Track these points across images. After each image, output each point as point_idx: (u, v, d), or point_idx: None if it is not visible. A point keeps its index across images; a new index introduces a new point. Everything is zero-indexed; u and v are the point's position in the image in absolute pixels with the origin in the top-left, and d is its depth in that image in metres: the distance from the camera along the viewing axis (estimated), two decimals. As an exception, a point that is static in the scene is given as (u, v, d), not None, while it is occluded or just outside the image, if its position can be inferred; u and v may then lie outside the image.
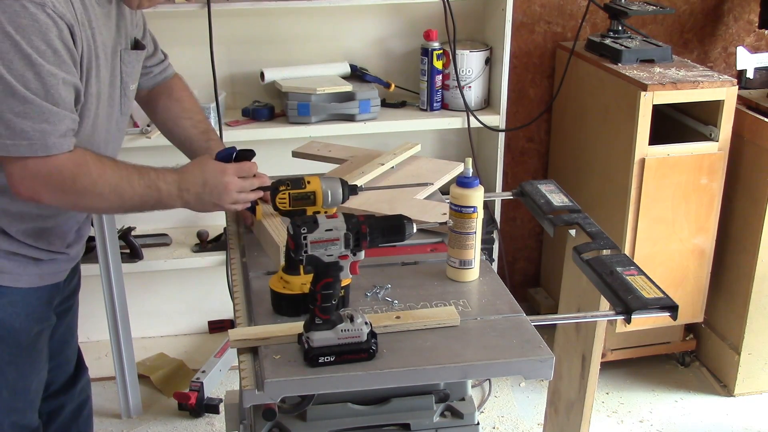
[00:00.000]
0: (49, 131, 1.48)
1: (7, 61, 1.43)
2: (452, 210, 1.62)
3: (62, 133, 1.51)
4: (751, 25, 3.24)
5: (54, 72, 1.46)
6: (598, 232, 1.76)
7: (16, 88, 1.44)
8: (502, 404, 2.95)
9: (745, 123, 2.76)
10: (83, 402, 2.09)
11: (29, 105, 1.46)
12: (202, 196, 1.62)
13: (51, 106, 1.47)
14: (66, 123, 1.51)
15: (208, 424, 2.82)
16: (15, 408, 1.77)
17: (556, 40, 3.16)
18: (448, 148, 3.19)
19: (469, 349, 1.40)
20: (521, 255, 3.50)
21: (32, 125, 1.47)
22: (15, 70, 1.43)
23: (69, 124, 1.52)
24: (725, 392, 3.00)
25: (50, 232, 1.72)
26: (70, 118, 1.52)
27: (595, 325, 1.83)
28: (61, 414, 2.02)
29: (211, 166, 1.63)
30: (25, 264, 1.69)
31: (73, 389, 2.05)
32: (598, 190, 2.93)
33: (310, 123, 2.79)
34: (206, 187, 1.61)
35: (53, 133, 1.49)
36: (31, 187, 1.54)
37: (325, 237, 1.34)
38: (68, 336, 2.00)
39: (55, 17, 1.45)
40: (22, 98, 1.45)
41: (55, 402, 2.00)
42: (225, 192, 1.62)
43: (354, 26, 3.00)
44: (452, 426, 1.54)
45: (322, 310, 1.34)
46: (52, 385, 1.95)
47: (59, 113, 1.49)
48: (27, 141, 1.48)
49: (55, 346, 1.90)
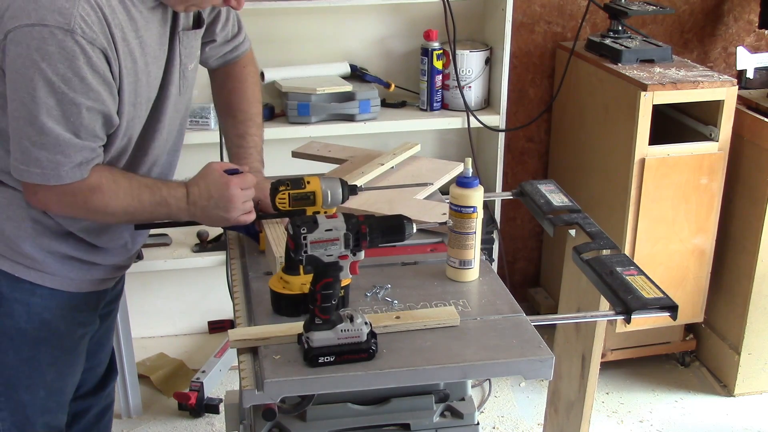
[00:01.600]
0: (63, 162, 1.47)
1: (31, 88, 1.41)
2: (452, 210, 1.62)
3: (77, 164, 1.49)
4: (751, 25, 3.24)
5: (78, 101, 1.44)
6: (598, 232, 1.76)
7: (35, 117, 1.43)
8: (502, 404, 2.95)
9: (745, 123, 2.76)
10: (108, 405, 2.09)
11: (46, 136, 1.44)
12: (208, 210, 1.60)
13: (70, 136, 1.46)
14: (83, 153, 1.49)
15: (208, 424, 2.82)
16: (49, 408, 1.77)
17: (556, 40, 3.16)
18: (448, 148, 3.18)
19: (469, 349, 1.40)
20: (521, 255, 3.50)
21: (47, 155, 1.46)
22: (38, 98, 1.42)
23: (87, 154, 1.50)
24: (725, 392, 3.00)
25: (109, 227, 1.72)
26: (89, 148, 1.50)
27: (594, 325, 1.83)
28: (85, 416, 2.01)
29: (216, 180, 1.60)
30: (78, 267, 1.69)
31: (102, 392, 2.04)
32: (598, 190, 2.93)
33: (310, 123, 2.79)
34: (212, 200, 1.60)
35: (67, 164, 1.48)
36: (43, 203, 1.56)
37: (324, 237, 1.34)
38: (105, 339, 1.99)
39: (84, 44, 1.41)
40: (39, 128, 1.44)
41: (82, 404, 1.99)
42: (231, 205, 1.60)
43: (354, 26, 3.00)
44: (452, 426, 1.54)
45: (322, 310, 1.34)
46: (82, 386, 1.93)
47: (76, 144, 1.47)
48: (40, 170, 1.47)
49: (92, 348, 1.89)
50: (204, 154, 2.89)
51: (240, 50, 1.93)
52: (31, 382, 1.72)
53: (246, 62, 1.95)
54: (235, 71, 1.94)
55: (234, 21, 1.89)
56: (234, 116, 1.92)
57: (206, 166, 1.65)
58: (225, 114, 1.95)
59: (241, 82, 1.94)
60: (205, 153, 2.87)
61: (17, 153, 1.47)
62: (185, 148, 2.84)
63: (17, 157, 1.47)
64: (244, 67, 1.95)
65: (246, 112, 1.93)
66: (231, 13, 1.87)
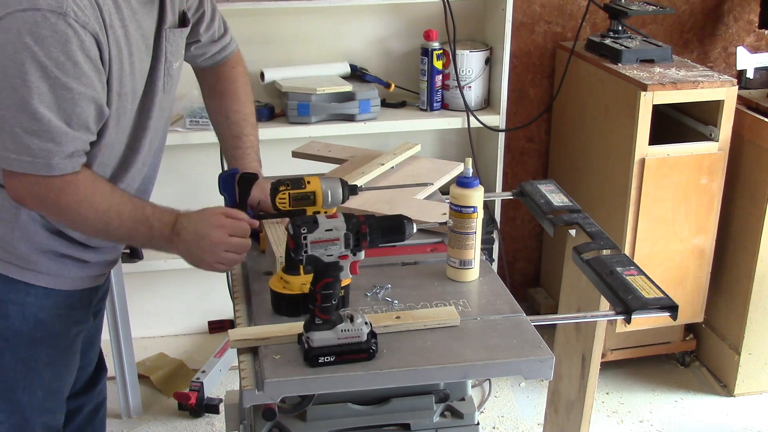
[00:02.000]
0: (54, 152, 1.44)
1: (23, 72, 1.39)
2: (452, 210, 1.62)
3: (68, 154, 1.47)
4: (751, 25, 3.24)
5: (71, 86, 1.42)
6: (598, 232, 1.76)
7: (28, 103, 1.40)
8: (502, 404, 2.95)
9: (745, 123, 2.76)
10: (100, 403, 2.08)
11: (38, 122, 1.41)
12: (189, 244, 1.53)
13: (62, 124, 1.43)
14: (75, 144, 1.47)
15: (208, 424, 2.82)
16: (47, 408, 1.76)
17: (556, 40, 3.16)
18: (448, 148, 3.18)
19: (469, 349, 1.40)
20: (521, 255, 3.50)
21: (39, 143, 1.43)
22: (31, 82, 1.39)
23: (78, 145, 1.47)
24: (725, 392, 3.00)
25: None
26: (81, 139, 1.48)
27: (595, 325, 1.83)
28: (78, 415, 2.00)
29: (208, 217, 1.53)
30: (71, 265, 1.69)
31: (93, 390, 2.02)
32: (598, 190, 2.93)
33: (310, 123, 2.79)
34: (197, 236, 1.52)
35: (58, 153, 1.45)
36: (17, 192, 1.51)
37: (325, 237, 1.34)
38: (95, 338, 1.99)
39: (77, 27, 1.39)
40: (32, 114, 1.41)
41: (74, 403, 1.96)
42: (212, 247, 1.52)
43: (354, 26, 3.00)
44: (452, 426, 1.54)
45: (322, 310, 1.34)
46: (74, 385, 1.91)
47: (68, 133, 1.45)
48: (30, 158, 1.44)
49: (84, 347, 1.87)
50: (204, 154, 2.91)
51: (227, 50, 1.93)
52: (28, 383, 1.71)
53: (234, 63, 1.95)
54: (224, 72, 1.93)
55: (219, 22, 1.89)
56: (227, 117, 1.91)
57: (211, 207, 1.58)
58: (218, 116, 1.93)
59: (232, 83, 1.93)
60: (205, 153, 2.88)
61: (7, 141, 1.43)
62: (185, 147, 2.86)
63: (7, 145, 1.43)
64: (233, 67, 1.94)
65: (239, 112, 1.91)
66: (216, 14, 1.87)
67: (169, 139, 2.05)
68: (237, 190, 1.72)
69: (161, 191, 3.04)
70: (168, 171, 2.85)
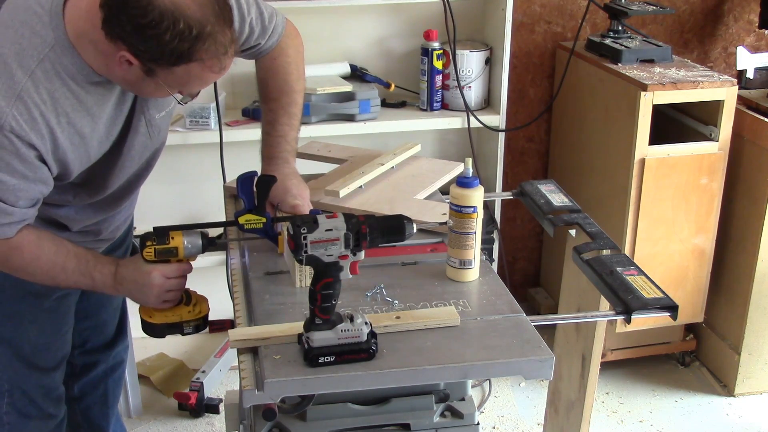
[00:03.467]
0: None
1: None
2: (452, 210, 1.62)
3: (6, 224, 1.55)
4: (751, 25, 3.24)
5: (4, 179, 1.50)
6: (598, 232, 1.76)
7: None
8: (502, 404, 2.95)
9: (745, 123, 2.76)
10: (117, 365, 2.28)
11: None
12: (132, 291, 1.66)
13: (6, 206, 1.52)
14: (11, 217, 1.55)
15: (208, 424, 2.82)
16: (37, 366, 1.93)
17: (556, 40, 3.16)
18: (448, 148, 3.18)
19: (469, 349, 1.40)
20: (521, 255, 3.50)
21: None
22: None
23: (15, 217, 1.55)
24: (725, 392, 3.00)
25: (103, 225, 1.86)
26: (19, 212, 1.55)
27: (595, 325, 1.83)
28: (94, 369, 2.21)
29: (140, 266, 1.63)
30: None
31: (110, 351, 2.22)
32: (598, 190, 2.93)
33: (310, 123, 2.79)
34: (137, 285, 1.64)
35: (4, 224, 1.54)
36: None
37: (325, 237, 1.34)
38: (105, 300, 2.11)
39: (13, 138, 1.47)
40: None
41: (90, 357, 2.18)
42: (150, 291, 1.64)
43: (354, 26, 3.00)
44: (452, 426, 1.54)
45: (322, 310, 1.34)
46: (88, 342, 2.15)
47: (6, 209, 1.53)
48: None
49: (92, 308, 2.08)
50: (204, 154, 2.91)
51: (264, 48, 1.92)
52: (15, 335, 1.87)
53: (276, 54, 1.95)
54: (265, 63, 1.96)
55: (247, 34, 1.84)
56: (266, 103, 1.95)
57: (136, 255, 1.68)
58: (261, 101, 1.98)
59: (272, 72, 1.95)
60: (206, 153, 2.88)
61: None
62: (185, 147, 2.86)
63: None
64: (274, 59, 1.96)
65: (276, 101, 1.93)
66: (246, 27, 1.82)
67: (169, 139, 2.05)
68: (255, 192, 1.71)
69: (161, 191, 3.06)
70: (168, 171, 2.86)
